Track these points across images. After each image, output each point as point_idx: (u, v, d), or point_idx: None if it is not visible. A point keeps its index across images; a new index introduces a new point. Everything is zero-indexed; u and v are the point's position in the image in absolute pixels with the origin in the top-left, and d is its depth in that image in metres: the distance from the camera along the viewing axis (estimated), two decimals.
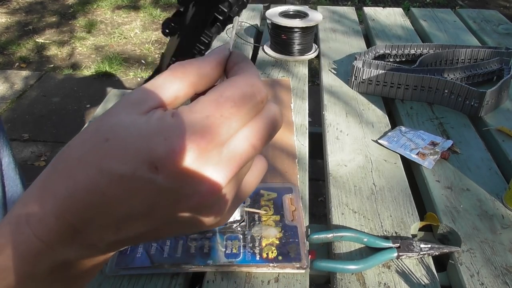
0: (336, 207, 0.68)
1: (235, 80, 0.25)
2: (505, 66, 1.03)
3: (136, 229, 0.25)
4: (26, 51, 3.08)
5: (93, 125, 0.25)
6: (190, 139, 0.23)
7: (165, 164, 0.22)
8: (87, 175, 0.23)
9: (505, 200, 0.68)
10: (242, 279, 0.57)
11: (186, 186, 0.23)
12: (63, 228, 0.24)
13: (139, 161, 0.23)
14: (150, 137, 0.23)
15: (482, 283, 0.56)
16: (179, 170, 0.23)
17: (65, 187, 0.24)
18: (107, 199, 0.23)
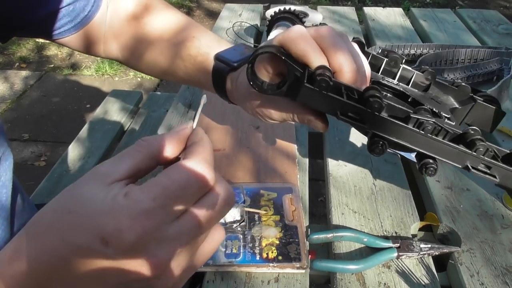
0: (336, 207, 0.68)
1: (183, 165, 0.28)
2: (505, 66, 1.03)
3: None
4: (26, 51, 3.08)
5: (63, 196, 0.28)
6: (136, 220, 0.26)
7: (113, 240, 0.26)
8: (52, 242, 0.27)
9: (505, 200, 0.68)
10: (242, 279, 0.57)
11: (132, 261, 0.27)
12: (31, 284, 0.28)
13: (93, 235, 0.26)
14: (103, 215, 0.26)
15: (482, 283, 0.56)
16: (126, 246, 0.26)
17: (34, 250, 0.28)
18: (67, 264, 0.27)
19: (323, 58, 0.42)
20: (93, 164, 1.10)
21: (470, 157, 0.48)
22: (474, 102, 0.58)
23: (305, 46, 0.42)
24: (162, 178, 0.27)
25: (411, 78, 0.57)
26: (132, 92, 1.46)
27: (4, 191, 0.51)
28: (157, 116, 1.31)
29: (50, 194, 1.00)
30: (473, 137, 0.47)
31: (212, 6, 3.87)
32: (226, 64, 0.54)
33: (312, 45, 0.42)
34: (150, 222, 0.26)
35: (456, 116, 0.59)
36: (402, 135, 0.47)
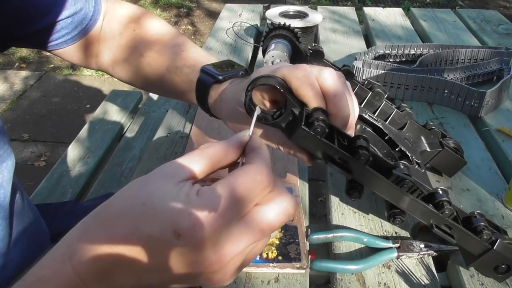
0: (336, 207, 0.68)
1: (249, 168, 0.30)
2: (505, 66, 1.03)
3: (153, 280, 0.30)
4: (26, 51, 3.08)
5: (133, 188, 0.30)
6: (210, 218, 0.28)
7: (186, 234, 0.28)
8: (123, 229, 0.29)
9: (505, 200, 0.68)
10: (242, 279, 0.57)
11: (199, 255, 0.28)
12: (97, 270, 0.29)
13: (166, 227, 0.28)
14: (177, 210, 0.28)
15: (482, 283, 0.56)
16: (197, 240, 0.28)
17: (104, 236, 0.29)
18: (135, 252, 0.29)
19: (323, 102, 0.45)
20: (93, 164, 1.10)
21: (436, 217, 0.51)
22: (442, 148, 0.65)
23: (309, 90, 0.43)
24: (231, 179, 0.29)
25: (390, 114, 0.62)
26: (132, 92, 1.46)
27: (2, 191, 0.51)
28: (157, 116, 1.31)
29: (50, 194, 1.00)
30: (442, 199, 0.51)
31: (212, 6, 3.87)
32: (211, 76, 0.55)
33: (315, 89, 0.44)
34: (221, 220, 0.28)
35: (423, 157, 0.65)
36: (381, 187, 0.50)
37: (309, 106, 0.44)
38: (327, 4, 3.74)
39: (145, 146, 1.17)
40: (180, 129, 0.91)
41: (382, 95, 0.60)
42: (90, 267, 0.29)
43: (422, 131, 0.65)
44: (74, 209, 0.80)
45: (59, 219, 0.75)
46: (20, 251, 0.57)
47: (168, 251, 0.28)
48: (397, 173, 0.48)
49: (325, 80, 0.44)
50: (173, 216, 0.28)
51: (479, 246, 0.52)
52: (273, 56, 0.50)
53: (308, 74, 0.44)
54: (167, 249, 0.28)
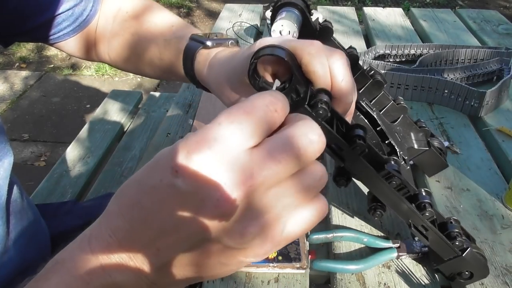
0: (336, 207, 0.68)
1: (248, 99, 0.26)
2: (505, 66, 1.03)
3: (173, 250, 0.26)
4: (26, 51, 3.08)
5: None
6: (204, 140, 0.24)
7: (182, 166, 0.24)
8: (130, 192, 0.27)
9: (505, 200, 0.68)
10: (242, 279, 0.57)
11: (201, 190, 0.24)
12: (114, 247, 0.27)
13: (164, 169, 0.25)
14: (173, 148, 0.25)
15: (482, 283, 0.56)
16: (194, 171, 0.24)
17: (117, 208, 0.27)
18: (144, 214, 0.26)
19: (329, 84, 0.42)
20: (93, 164, 1.10)
21: (415, 217, 0.51)
22: (428, 148, 0.66)
23: (319, 68, 0.41)
24: (229, 108, 0.25)
25: (385, 106, 0.62)
26: (132, 92, 1.46)
27: None
28: (157, 116, 1.31)
29: (50, 194, 1.00)
30: (425, 201, 0.51)
31: (212, 6, 3.87)
32: (200, 42, 0.53)
33: (325, 69, 0.41)
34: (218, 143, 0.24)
35: (409, 153, 0.66)
36: (369, 180, 0.50)
37: (315, 85, 0.42)
38: (327, 4, 3.74)
39: (145, 146, 1.17)
40: (180, 129, 0.91)
41: (382, 84, 0.59)
42: (106, 244, 0.27)
43: (412, 127, 0.66)
44: (74, 209, 0.80)
45: (59, 219, 0.75)
46: (19, 251, 0.57)
47: (170, 196, 0.25)
48: (389, 169, 0.48)
49: (336, 62, 0.42)
50: (169, 154, 0.25)
51: (450, 251, 0.52)
52: (282, 25, 0.47)
53: (321, 52, 0.41)
54: (169, 193, 0.25)
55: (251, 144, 0.25)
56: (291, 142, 0.25)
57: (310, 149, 0.25)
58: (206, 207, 0.24)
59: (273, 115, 0.26)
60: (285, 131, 0.25)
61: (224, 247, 0.26)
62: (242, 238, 0.25)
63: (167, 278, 0.28)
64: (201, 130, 0.25)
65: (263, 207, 0.25)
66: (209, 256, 0.27)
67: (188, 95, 1.02)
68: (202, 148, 0.24)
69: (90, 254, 0.27)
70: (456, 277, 0.54)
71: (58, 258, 0.28)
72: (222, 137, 0.24)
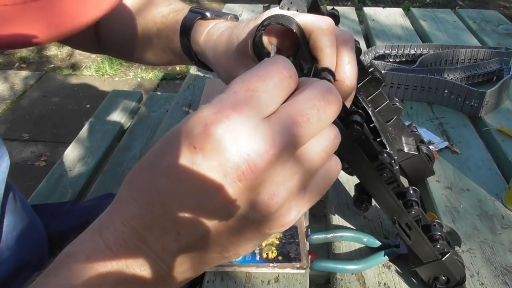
0: (336, 207, 0.68)
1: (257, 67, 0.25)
2: (505, 66, 1.03)
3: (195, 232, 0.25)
4: (26, 51, 3.08)
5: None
6: (220, 111, 0.23)
7: (201, 141, 0.23)
8: (143, 177, 0.25)
9: (505, 200, 0.68)
10: (242, 279, 0.57)
11: (224, 164, 0.23)
12: (129, 236, 0.25)
13: (180, 147, 0.23)
14: (186, 124, 0.24)
15: (482, 283, 0.56)
16: (216, 145, 0.23)
17: (129, 195, 0.26)
18: (162, 197, 0.24)
19: (334, 64, 0.41)
20: (93, 164, 1.10)
21: (401, 214, 0.51)
22: (417, 153, 0.65)
23: (328, 46, 0.39)
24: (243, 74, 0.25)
25: (380, 105, 0.62)
26: (132, 92, 1.46)
27: None
28: (157, 116, 1.32)
29: (50, 194, 1.00)
30: (412, 199, 0.51)
31: (212, 6, 3.87)
32: (198, 13, 0.51)
33: (334, 47, 0.40)
34: (236, 112, 0.23)
35: (398, 156, 0.66)
36: (361, 169, 0.49)
37: (320, 63, 0.40)
38: (327, 4, 3.74)
39: (145, 146, 1.17)
40: None
41: (380, 82, 0.59)
42: (120, 234, 0.26)
43: (404, 130, 0.66)
44: (73, 209, 0.80)
45: (59, 219, 0.75)
46: (13, 251, 0.57)
47: (190, 175, 0.23)
48: (383, 160, 0.47)
49: (345, 43, 0.41)
50: (184, 131, 0.23)
51: (430, 254, 0.52)
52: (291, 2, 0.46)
53: (332, 30, 0.39)
54: (188, 171, 0.23)
55: (269, 111, 0.24)
56: (310, 105, 0.24)
57: (329, 110, 0.25)
58: (230, 181, 0.23)
59: (288, 81, 0.25)
60: (302, 95, 0.25)
61: (249, 221, 0.25)
62: (268, 208, 0.24)
63: (186, 264, 0.27)
64: (216, 100, 0.24)
65: (286, 174, 0.24)
66: (233, 233, 0.26)
67: (188, 95, 1.02)
68: (221, 120, 0.23)
69: (104, 245, 0.26)
70: (433, 282, 0.54)
71: (68, 252, 0.27)
72: (239, 106, 0.23)
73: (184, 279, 0.28)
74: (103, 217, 0.27)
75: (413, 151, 0.66)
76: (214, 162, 0.23)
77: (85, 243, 0.27)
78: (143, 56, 0.64)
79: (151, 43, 0.60)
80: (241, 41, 0.43)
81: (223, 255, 0.27)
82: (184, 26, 0.51)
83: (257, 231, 0.26)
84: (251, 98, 0.23)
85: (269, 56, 0.41)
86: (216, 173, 0.23)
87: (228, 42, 0.45)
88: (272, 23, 0.38)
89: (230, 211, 0.24)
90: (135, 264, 0.26)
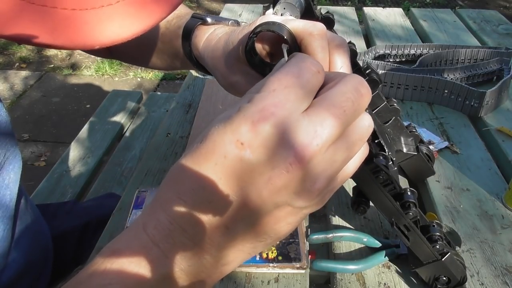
0: (336, 207, 0.68)
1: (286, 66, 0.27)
2: (505, 66, 1.03)
3: (242, 225, 0.26)
4: (26, 51, 3.08)
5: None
6: (265, 109, 0.24)
7: (249, 138, 0.24)
8: (187, 177, 0.26)
9: (505, 200, 0.68)
10: (242, 279, 0.57)
11: (272, 158, 0.24)
12: (176, 233, 0.26)
13: (225, 145, 0.25)
14: (230, 123, 0.25)
15: (482, 283, 0.56)
16: (265, 140, 0.24)
17: (174, 194, 0.27)
18: (209, 194, 0.25)
19: (326, 69, 0.41)
20: (93, 164, 1.10)
21: (398, 216, 0.51)
22: (417, 153, 0.65)
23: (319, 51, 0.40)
24: (276, 73, 0.27)
25: (378, 106, 0.62)
26: (132, 92, 1.46)
27: (8, 192, 0.51)
28: (157, 116, 1.32)
29: (50, 194, 1.00)
30: (409, 200, 0.51)
31: (212, 6, 3.87)
32: (199, 19, 0.52)
33: (325, 52, 0.41)
34: (279, 109, 0.25)
35: (397, 157, 0.65)
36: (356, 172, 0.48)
37: None
38: (327, 4, 3.74)
39: (145, 146, 1.17)
40: (180, 129, 0.91)
41: (377, 83, 0.59)
42: (167, 231, 0.27)
43: (403, 131, 0.66)
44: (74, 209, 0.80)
45: (59, 219, 0.75)
46: (22, 252, 0.57)
47: (238, 168, 0.25)
48: (378, 162, 0.47)
49: (337, 48, 0.41)
50: (229, 128, 0.25)
51: (429, 255, 0.52)
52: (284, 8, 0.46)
53: (324, 35, 0.40)
54: (237, 166, 0.25)
55: (305, 106, 0.26)
56: (345, 98, 0.26)
57: (362, 101, 0.27)
58: (278, 173, 0.25)
59: (317, 76, 0.27)
60: (335, 88, 0.27)
61: (293, 208, 0.27)
62: (310, 196, 0.26)
63: (230, 255, 0.28)
64: (255, 99, 0.25)
65: (326, 163, 0.26)
66: (278, 221, 0.27)
67: (188, 95, 1.02)
68: (267, 117, 0.24)
69: (150, 242, 0.27)
70: (434, 282, 0.53)
71: (113, 248, 0.28)
72: (280, 102, 0.25)
73: (226, 272, 0.30)
74: (146, 216, 0.28)
75: (412, 152, 0.66)
76: (264, 156, 0.24)
77: (131, 240, 0.28)
78: (150, 61, 0.65)
79: (156, 48, 0.61)
80: (235, 47, 0.44)
81: (266, 243, 0.29)
82: (185, 32, 0.53)
83: (297, 216, 0.28)
84: (290, 93, 0.25)
85: (261, 62, 0.42)
86: (265, 166, 0.25)
87: (225, 48, 0.46)
88: (263, 30, 0.39)
89: (277, 201, 0.26)
90: (184, 260, 0.27)
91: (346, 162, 0.28)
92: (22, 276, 0.58)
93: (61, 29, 0.29)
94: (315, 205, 0.28)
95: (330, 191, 0.28)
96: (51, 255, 0.66)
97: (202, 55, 0.51)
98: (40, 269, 0.64)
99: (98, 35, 0.29)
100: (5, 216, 0.51)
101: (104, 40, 0.29)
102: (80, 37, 0.29)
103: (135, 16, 0.31)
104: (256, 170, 0.25)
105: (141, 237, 0.27)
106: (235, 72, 0.46)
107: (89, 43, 0.29)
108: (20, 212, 0.57)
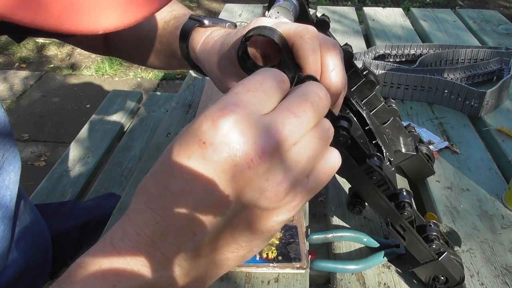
0: (336, 207, 0.68)
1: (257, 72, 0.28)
2: (505, 66, 1.03)
3: (210, 229, 0.25)
4: (26, 51, 3.08)
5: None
6: (226, 107, 0.25)
7: (211, 136, 0.24)
8: (154, 185, 0.26)
9: (505, 200, 0.68)
10: (242, 279, 0.57)
11: (233, 155, 0.24)
12: (143, 244, 0.26)
13: (189, 146, 0.25)
14: (192, 125, 0.25)
15: (482, 283, 0.56)
16: (225, 137, 0.24)
17: (142, 204, 0.26)
18: (176, 198, 0.25)
19: (318, 72, 0.41)
20: (93, 164, 1.10)
21: (394, 216, 0.51)
22: (416, 153, 0.65)
23: (310, 54, 0.40)
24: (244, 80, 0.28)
25: (376, 107, 0.62)
26: (132, 92, 1.46)
27: (8, 193, 0.51)
28: (157, 116, 1.32)
29: (50, 194, 1.00)
30: (404, 200, 0.51)
31: (212, 6, 3.87)
32: (197, 21, 0.52)
33: (317, 55, 0.41)
34: (240, 107, 0.25)
35: (396, 157, 0.65)
36: (351, 173, 0.49)
37: (304, 71, 0.41)
38: (327, 4, 3.74)
39: (145, 146, 1.17)
40: (180, 129, 0.91)
41: (374, 84, 0.59)
42: (134, 243, 0.26)
43: (402, 131, 0.66)
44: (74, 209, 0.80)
45: (59, 219, 0.75)
46: (22, 252, 0.57)
47: (202, 169, 0.25)
48: (370, 163, 0.47)
49: (329, 50, 0.41)
50: (192, 129, 0.25)
51: (426, 254, 0.52)
52: (278, 12, 0.46)
53: (315, 38, 0.40)
54: (200, 167, 0.24)
55: (268, 109, 0.27)
56: (306, 99, 0.27)
57: (321, 104, 0.28)
58: (241, 169, 0.24)
59: (282, 84, 0.28)
60: (296, 91, 0.28)
61: (260, 210, 0.26)
62: (278, 194, 0.26)
63: (201, 268, 0.27)
64: (219, 100, 0.26)
65: (291, 161, 0.26)
66: (246, 226, 0.27)
67: (188, 95, 1.02)
68: (227, 114, 0.25)
69: (117, 255, 0.26)
70: (432, 282, 0.53)
71: (80, 262, 0.28)
72: (242, 102, 0.25)
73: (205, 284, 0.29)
74: (115, 228, 0.28)
75: (411, 152, 0.66)
76: (224, 153, 0.24)
77: (98, 254, 0.27)
78: (148, 60, 0.66)
79: (153, 48, 0.62)
80: (229, 51, 0.45)
81: (238, 254, 0.28)
82: (183, 33, 0.53)
83: (267, 221, 0.27)
84: (252, 96, 0.26)
85: (254, 66, 0.43)
86: (227, 164, 0.24)
87: (220, 51, 0.46)
88: (255, 35, 0.40)
89: (242, 201, 0.25)
90: (150, 272, 0.26)
91: (312, 163, 0.28)
92: (22, 276, 0.58)
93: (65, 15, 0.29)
94: (286, 211, 0.27)
95: (300, 194, 0.27)
96: (50, 255, 0.67)
97: (199, 58, 0.51)
98: (40, 269, 0.64)
99: (101, 20, 0.30)
100: (5, 216, 0.51)
101: (107, 25, 0.30)
102: (84, 22, 0.29)
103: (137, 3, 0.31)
104: (219, 168, 0.24)
105: (108, 250, 0.27)
106: (230, 75, 0.46)
107: (93, 28, 0.30)
108: (20, 212, 0.57)
